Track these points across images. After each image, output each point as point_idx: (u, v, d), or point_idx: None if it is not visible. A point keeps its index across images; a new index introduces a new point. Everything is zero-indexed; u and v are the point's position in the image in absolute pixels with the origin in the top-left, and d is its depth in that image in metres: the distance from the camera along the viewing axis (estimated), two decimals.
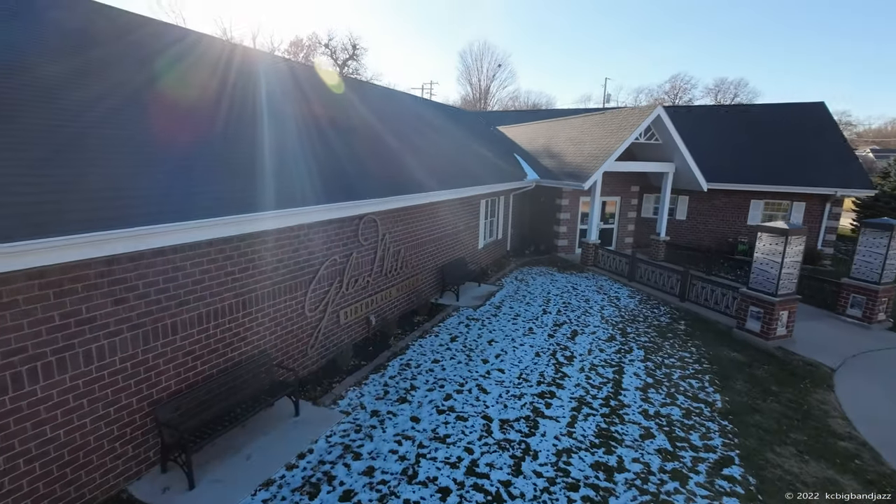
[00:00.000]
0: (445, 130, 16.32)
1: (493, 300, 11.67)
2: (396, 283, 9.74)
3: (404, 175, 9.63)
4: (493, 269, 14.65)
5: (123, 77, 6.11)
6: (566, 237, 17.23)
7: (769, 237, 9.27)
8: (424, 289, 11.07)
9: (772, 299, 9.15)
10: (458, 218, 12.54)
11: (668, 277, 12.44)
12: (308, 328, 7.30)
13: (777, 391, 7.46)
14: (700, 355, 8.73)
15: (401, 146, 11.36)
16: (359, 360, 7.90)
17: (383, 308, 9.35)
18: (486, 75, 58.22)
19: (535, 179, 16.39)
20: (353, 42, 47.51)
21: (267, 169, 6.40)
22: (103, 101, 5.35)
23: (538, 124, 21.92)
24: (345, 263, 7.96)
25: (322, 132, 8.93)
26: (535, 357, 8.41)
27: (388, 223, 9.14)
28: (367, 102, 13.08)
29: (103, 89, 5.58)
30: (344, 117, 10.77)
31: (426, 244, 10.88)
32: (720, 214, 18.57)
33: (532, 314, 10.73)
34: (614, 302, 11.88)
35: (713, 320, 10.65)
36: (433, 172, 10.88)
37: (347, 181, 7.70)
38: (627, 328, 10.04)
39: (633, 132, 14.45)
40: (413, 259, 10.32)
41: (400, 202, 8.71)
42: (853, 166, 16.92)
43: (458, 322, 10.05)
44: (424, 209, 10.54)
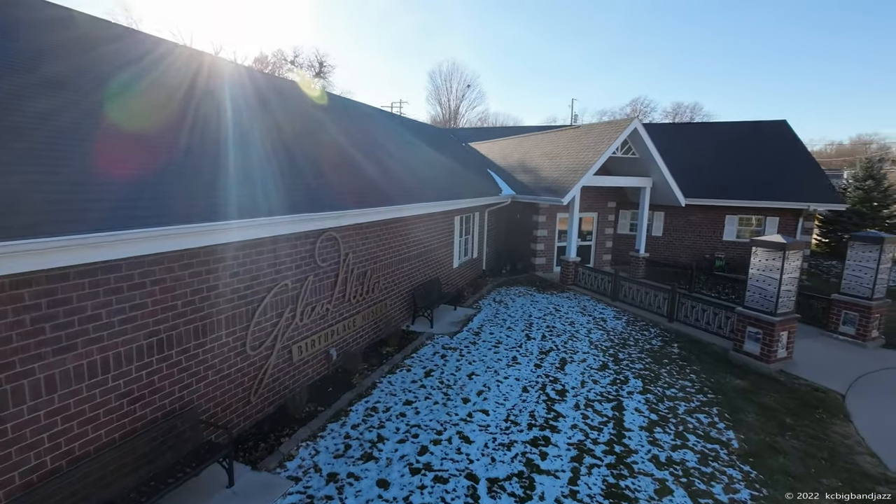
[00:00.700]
0: (415, 145, 15.40)
1: (471, 325, 10.57)
2: (362, 309, 8.52)
3: (370, 188, 8.54)
4: (469, 291, 13.61)
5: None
6: (544, 255, 16.46)
7: (765, 252, 8.66)
8: (395, 315, 9.86)
9: (771, 319, 8.48)
10: (430, 236, 11.48)
11: (655, 297, 11.74)
12: (251, 370, 5.97)
13: (793, 424, 6.64)
14: (702, 384, 7.88)
15: (367, 159, 10.29)
16: (315, 406, 6.58)
17: (346, 340, 8.09)
18: (455, 95, 58.46)
19: (510, 195, 15.62)
20: (319, 59, 46.69)
21: (196, 173, 5.18)
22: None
23: (511, 140, 21.40)
24: (299, 289, 6.72)
25: (277, 139, 7.76)
26: (523, 393, 7.32)
27: (351, 241, 7.97)
28: (331, 113, 12.01)
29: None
30: (303, 126, 9.64)
31: (396, 264, 9.73)
32: (696, 230, 18.33)
33: (515, 340, 9.68)
34: (601, 324, 11.01)
35: (707, 342, 9.91)
36: (402, 186, 9.85)
37: (303, 193, 6.53)
38: (619, 354, 9.14)
39: (610, 145, 13.95)
40: (382, 282, 9.14)
41: (364, 216, 7.59)
42: (822, 181, 17.07)
43: (434, 352, 8.88)
44: (393, 226, 9.44)
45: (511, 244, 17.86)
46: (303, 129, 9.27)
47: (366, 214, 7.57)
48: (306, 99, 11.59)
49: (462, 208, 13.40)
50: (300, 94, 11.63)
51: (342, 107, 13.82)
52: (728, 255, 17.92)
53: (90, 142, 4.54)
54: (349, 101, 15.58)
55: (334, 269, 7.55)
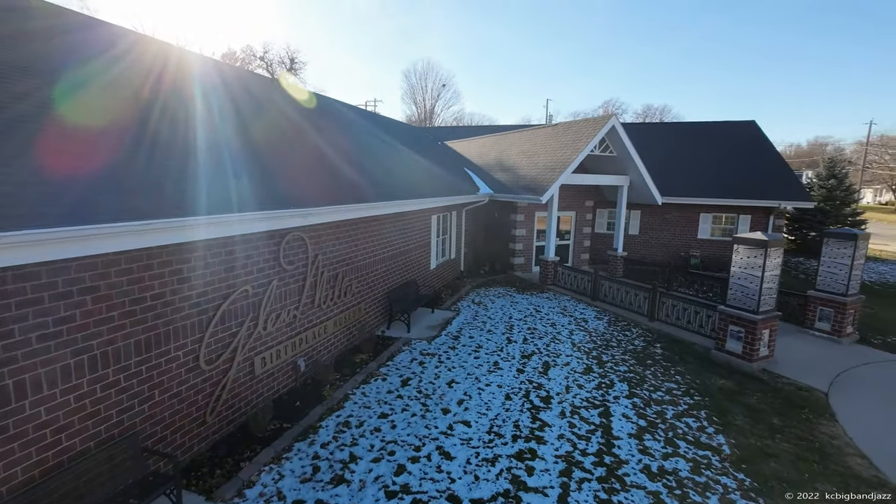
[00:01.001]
0: (389, 143, 14.85)
1: (449, 329, 10.13)
2: (333, 315, 7.95)
3: (341, 185, 7.98)
4: (447, 293, 13.16)
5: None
6: (522, 255, 16.19)
7: (747, 249, 8.55)
8: (369, 320, 9.32)
9: (753, 317, 8.37)
10: (406, 236, 10.99)
11: (635, 296, 11.58)
12: (206, 386, 5.35)
13: (781, 426, 6.47)
14: (688, 386, 7.68)
15: (339, 155, 9.71)
16: (281, 422, 5.99)
17: (316, 348, 7.51)
18: (430, 95, 58.02)
19: (488, 194, 15.28)
20: (290, 55, 45.40)
21: (138, 166, 4.54)
22: None
23: (487, 138, 21.10)
24: (261, 295, 6.12)
25: (238, 130, 7.11)
26: (506, 401, 6.92)
27: (321, 242, 7.40)
28: (301, 107, 11.35)
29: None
30: (270, 119, 8.98)
31: (370, 266, 9.19)
32: (672, 229, 18.45)
33: (496, 344, 9.29)
34: (582, 325, 10.76)
35: (689, 341, 9.78)
36: (376, 184, 9.32)
37: (266, 189, 5.93)
38: (602, 356, 8.87)
39: (589, 143, 13.77)
40: (355, 285, 8.59)
41: (335, 214, 7.04)
42: (791, 180, 17.44)
43: (411, 359, 8.39)
44: (367, 225, 8.90)
45: (489, 244, 17.52)
46: (269, 123, 8.63)
47: (336, 213, 7.02)
48: (276, 92, 10.90)
49: (439, 207, 12.96)
50: (270, 87, 10.94)
51: (312, 101, 13.16)
52: (703, 253, 18.10)
53: (22, 136, 3.86)
54: (321, 97, 14.91)
55: (302, 272, 6.97)
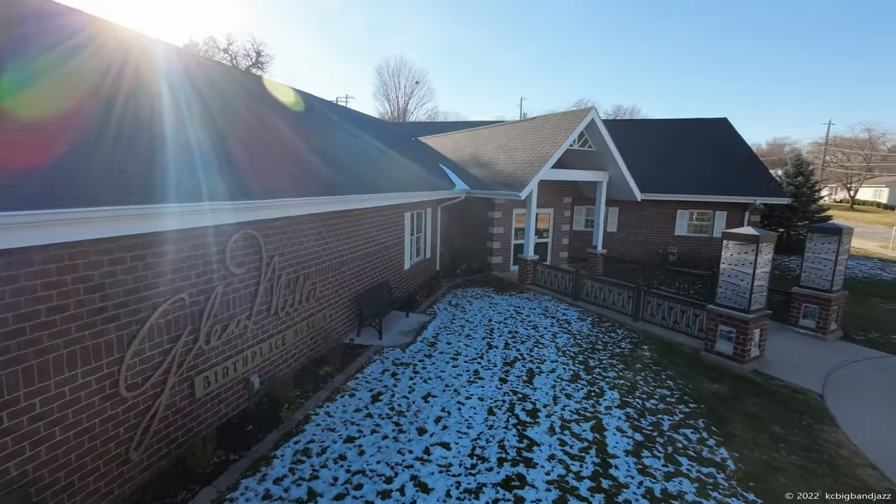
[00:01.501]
0: (358, 135, 13.94)
1: (425, 334, 9.36)
2: (294, 323, 7.06)
3: (302, 177, 7.09)
4: (422, 294, 12.39)
5: None
6: (500, 253, 15.57)
7: (737, 245, 8.15)
8: (336, 327, 8.45)
9: (745, 317, 7.97)
10: (378, 234, 10.15)
11: (619, 295, 11.11)
12: (129, 417, 4.40)
13: (783, 434, 6.02)
14: (681, 392, 7.17)
15: (301, 145, 8.77)
16: (227, 453, 5.09)
17: (273, 362, 6.60)
18: (403, 92, 56.89)
19: (464, 190, 14.57)
20: (256, 48, 43.47)
21: (38, 145, 3.58)
22: None
23: (463, 133, 20.42)
24: (203, 303, 5.19)
25: (181, 113, 6.11)
26: (489, 416, 6.21)
27: (278, 241, 6.50)
28: (261, 94, 10.32)
29: None
30: (224, 104, 7.97)
31: (337, 268, 8.32)
32: (649, 225, 18.24)
33: (475, 350, 8.58)
34: (565, 327, 10.19)
35: (676, 342, 9.34)
36: (343, 176, 8.45)
37: (208, 178, 5.01)
38: (589, 361, 8.30)
39: (568, 137, 13.26)
40: (319, 288, 7.71)
41: (292, 208, 6.17)
42: (765, 176, 17.50)
43: (383, 370, 7.58)
44: (333, 222, 8.03)
45: (466, 243, 16.84)
46: (223, 107, 7.63)
47: (294, 206, 6.15)
48: (232, 77, 9.85)
49: (413, 203, 12.17)
50: (226, 73, 9.87)
51: (269, 85, 12.13)
52: (680, 250, 17.97)
53: None
54: (284, 87, 13.84)
55: (255, 275, 6.06)
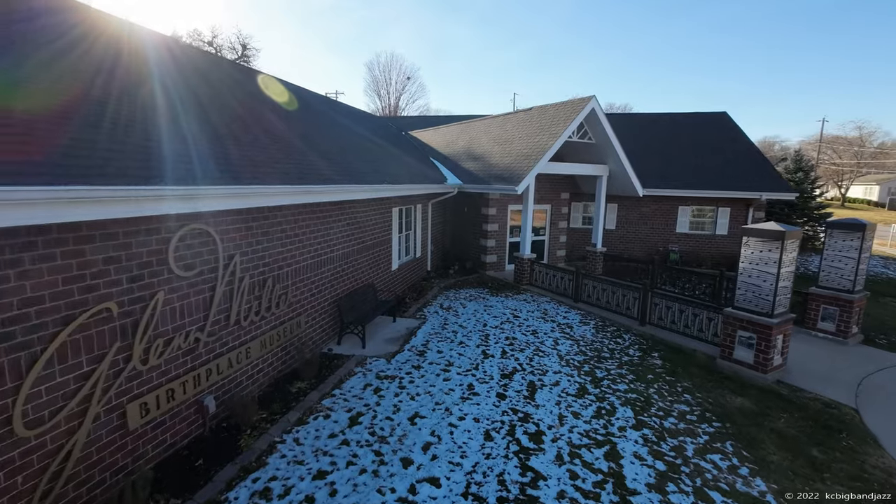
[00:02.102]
0: (345, 123, 13.00)
1: (414, 342, 8.47)
2: (261, 333, 6.13)
3: (270, 164, 6.14)
4: (412, 297, 11.49)
5: None
6: (495, 252, 14.72)
7: (759, 242, 7.36)
8: (313, 335, 7.53)
9: (768, 321, 7.19)
10: (362, 231, 9.23)
11: (623, 297, 10.31)
12: (32, 460, 3.46)
13: (824, 460, 5.22)
14: (701, 407, 6.36)
15: (283, 130, 7.80)
16: (168, 496, 4.17)
17: (234, 379, 5.67)
18: (395, 88, 55.77)
19: (457, 185, 13.69)
20: (242, 41, 42.16)
21: None
22: None
23: (455, 126, 19.53)
24: (139, 314, 4.26)
25: (127, 86, 5.15)
26: (486, 441, 5.35)
27: (239, 238, 5.57)
28: (238, 79, 9.34)
29: None
30: (193, 86, 6.99)
31: (314, 269, 7.40)
32: (649, 223, 17.50)
33: (470, 360, 7.71)
34: (567, 332, 9.36)
35: (688, 348, 8.55)
36: (325, 164, 7.51)
37: (148, 158, 4.06)
38: (596, 371, 7.46)
39: (567, 127, 12.44)
40: (292, 293, 6.78)
41: (259, 198, 5.23)
42: (770, 171, 16.84)
43: (364, 385, 6.67)
44: (308, 217, 7.10)
45: (458, 241, 15.98)
46: (188, 88, 6.65)
47: (262, 195, 5.21)
48: (206, 59, 8.85)
49: (402, 196, 11.27)
50: (202, 57, 8.87)
51: (256, 79, 11.16)
52: (681, 248, 17.25)
53: None
54: (267, 75, 12.85)
55: (209, 279, 5.12)
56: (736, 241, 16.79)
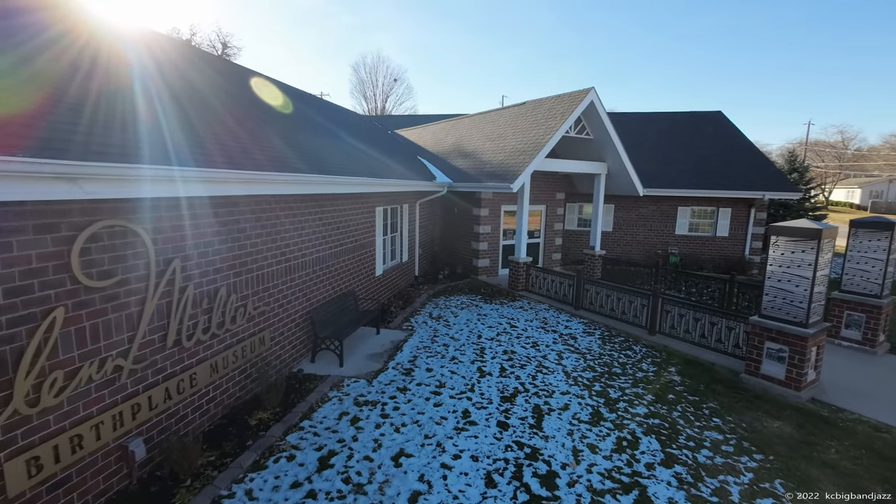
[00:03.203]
0: (325, 122, 11.94)
1: (399, 358, 7.43)
2: (211, 354, 5.04)
3: (230, 147, 5.06)
4: (398, 305, 10.44)
5: None
6: (487, 256, 13.76)
7: (790, 242, 6.51)
8: (280, 353, 6.44)
9: (802, 332, 6.33)
10: (343, 232, 8.18)
11: (630, 304, 9.41)
12: None
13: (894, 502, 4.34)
14: (736, 435, 5.44)
15: (238, 109, 6.72)
16: None
17: (174, 414, 4.57)
18: (381, 90, 54.65)
19: (446, 183, 12.72)
20: (222, 39, 40.77)
21: None
22: None
23: (444, 123, 18.61)
24: (24, 340, 3.16)
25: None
26: (487, 487, 4.33)
27: (180, 238, 4.49)
28: (210, 66, 8.23)
29: None
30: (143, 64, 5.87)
31: (282, 275, 6.33)
32: (648, 224, 16.73)
33: (464, 380, 6.69)
34: (571, 344, 8.41)
35: (706, 361, 7.67)
36: (296, 152, 6.44)
37: (55, 131, 2.98)
38: (609, 390, 6.51)
39: (565, 120, 11.57)
40: (253, 304, 5.70)
41: (203, 185, 4.16)
42: (771, 169, 16.24)
43: (339, 413, 5.61)
44: (274, 214, 6.03)
45: (449, 244, 14.98)
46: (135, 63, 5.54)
47: (195, 183, 4.14)
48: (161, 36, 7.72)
49: (386, 193, 10.25)
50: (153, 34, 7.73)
51: (228, 68, 10.06)
52: (681, 251, 16.51)
53: None
54: (241, 67, 11.73)
55: (136, 290, 4.03)
56: (737, 243, 16.13)
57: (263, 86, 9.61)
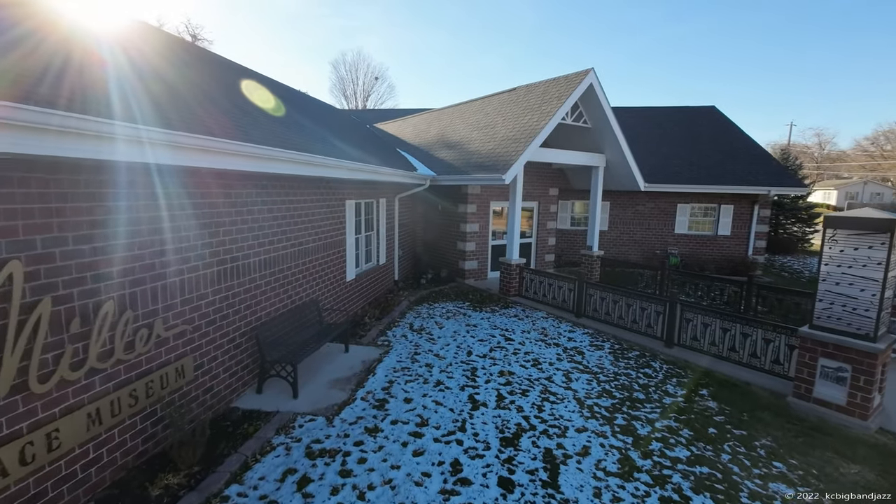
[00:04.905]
0: (285, 106, 10.39)
1: (371, 384, 5.95)
2: (91, 399, 3.50)
3: (147, 104, 3.52)
4: (373, 315, 8.96)
5: None
6: (475, 257, 12.39)
7: (853, 237, 5.31)
8: (209, 386, 4.90)
9: (869, 347, 5.13)
10: (301, 228, 6.67)
11: (643, 311, 8.15)
12: None
13: None
14: (811, 488, 4.14)
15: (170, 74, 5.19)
16: None
17: (24, 491, 3.01)
18: (362, 88, 53.05)
19: (429, 176, 11.31)
20: (192, 32, 38.57)
21: None
22: None
23: (426, 115, 17.23)
24: None
25: None
26: None
27: (22, 226, 2.96)
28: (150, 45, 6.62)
29: None
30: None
31: (212, 282, 4.80)
32: (645, 222, 15.62)
33: (452, 413, 5.26)
34: (578, 360, 7.07)
35: (740, 381, 6.43)
36: (240, 122, 4.93)
37: None
38: (634, 423, 5.17)
39: (562, 105, 10.29)
40: (167, 322, 4.17)
41: (61, 136, 2.61)
42: (774, 164, 15.32)
43: (283, 471, 4.11)
44: (200, 192, 4.51)
45: (432, 245, 13.57)
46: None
47: (48, 133, 2.61)
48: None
49: (358, 182, 8.80)
50: None
51: (182, 46, 8.43)
52: (682, 251, 15.44)
53: None
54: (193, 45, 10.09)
55: None
56: (740, 242, 15.14)
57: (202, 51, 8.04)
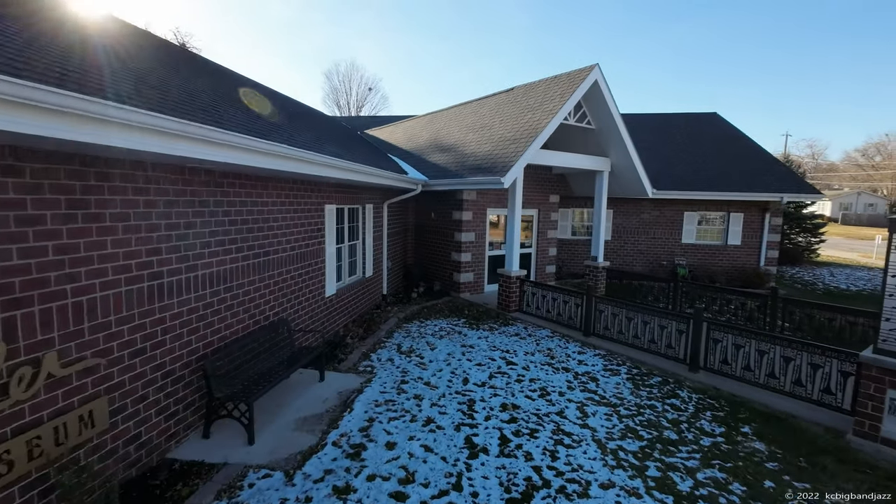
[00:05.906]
0: (261, 104, 9.46)
1: (346, 423, 4.91)
2: None
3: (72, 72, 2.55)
4: (357, 334, 7.92)
5: None
6: (471, 268, 11.42)
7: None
8: (134, 435, 3.83)
9: None
10: (266, 234, 5.67)
11: (662, 329, 7.19)
12: None
13: None
14: None
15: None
16: None
17: None
18: (355, 98, 52.52)
19: (421, 180, 10.39)
20: (180, 40, 37.81)
21: None
22: None
23: (418, 119, 16.40)
24: None
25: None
26: None
27: None
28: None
29: None
30: None
31: (139, 301, 3.78)
32: (651, 231, 14.75)
33: (445, 463, 4.23)
34: (592, 389, 6.07)
35: (783, 412, 5.46)
36: (194, 105, 3.96)
37: None
38: (672, 475, 4.17)
39: (565, 103, 9.46)
40: (64, 357, 3.14)
41: None
42: (786, 171, 14.57)
43: None
44: (126, 187, 3.52)
45: (424, 256, 12.60)
46: None
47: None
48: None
49: (340, 182, 7.83)
50: None
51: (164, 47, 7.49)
52: (690, 261, 14.56)
53: None
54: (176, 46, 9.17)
55: None
56: (751, 252, 14.31)
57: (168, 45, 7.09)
